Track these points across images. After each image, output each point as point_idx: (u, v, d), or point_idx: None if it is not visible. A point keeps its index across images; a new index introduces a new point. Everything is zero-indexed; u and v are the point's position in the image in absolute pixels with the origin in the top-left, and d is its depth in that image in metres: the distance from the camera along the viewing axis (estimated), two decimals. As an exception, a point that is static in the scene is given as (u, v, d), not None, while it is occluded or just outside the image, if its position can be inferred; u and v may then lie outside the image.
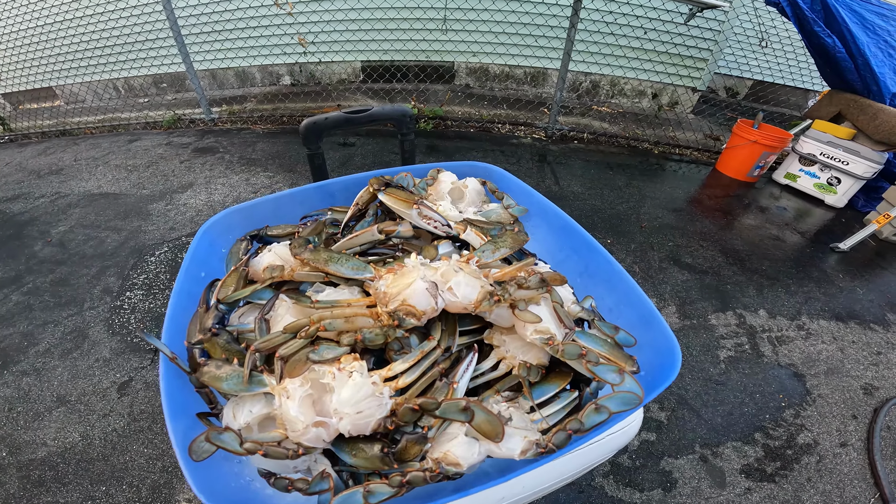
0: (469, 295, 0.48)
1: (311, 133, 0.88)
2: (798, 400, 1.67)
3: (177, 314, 0.58)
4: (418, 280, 0.46)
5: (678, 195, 3.11)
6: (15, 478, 1.35)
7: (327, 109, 4.14)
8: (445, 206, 0.67)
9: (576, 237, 0.70)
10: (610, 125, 4.14)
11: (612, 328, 0.58)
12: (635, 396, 0.46)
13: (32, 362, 1.72)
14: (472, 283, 0.49)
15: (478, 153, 3.49)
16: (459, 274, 0.50)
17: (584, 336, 0.54)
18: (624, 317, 0.60)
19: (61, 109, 4.66)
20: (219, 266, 0.68)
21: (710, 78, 4.47)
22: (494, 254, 0.59)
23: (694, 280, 2.26)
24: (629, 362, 0.52)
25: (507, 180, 0.82)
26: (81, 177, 3.18)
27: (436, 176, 0.77)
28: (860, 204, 3.11)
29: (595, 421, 0.47)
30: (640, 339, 0.57)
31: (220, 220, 0.70)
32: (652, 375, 0.54)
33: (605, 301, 0.64)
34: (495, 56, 4.49)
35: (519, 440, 0.46)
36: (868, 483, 1.42)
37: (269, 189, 2.90)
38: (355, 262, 0.53)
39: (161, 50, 4.49)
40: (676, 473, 1.41)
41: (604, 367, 0.48)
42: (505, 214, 0.73)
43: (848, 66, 2.75)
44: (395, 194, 0.64)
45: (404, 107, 0.90)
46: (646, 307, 0.58)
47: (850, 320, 2.09)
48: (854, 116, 2.88)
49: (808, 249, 2.62)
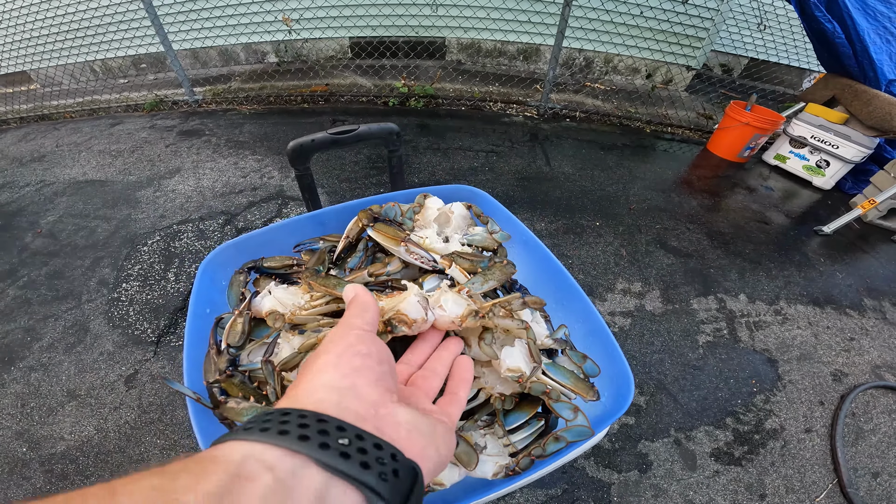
0: (455, 310, 0.53)
1: (297, 155, 0.89)
2: (769, 385, 1.77)
3: (192, 354, 0.62)
4: (412, 295, 0.50)
5: (668, 176, 3.13)
6: (39, 472, 1.42)
7: (315, 88, 4.05)
8: (432, 236, 0.70)
9: (551, 267, 0.74)
10: (603, 103, 4.10)
11: (581, 357, 0.64)
12: (588, 430, 0.56)
13: (38, 357, 1.76)
14: (460, 302, 0.54)
15: (469, 133, 3.46)
16: (449, 293, 0.56)
17: (553, 368, 0.59)
18: (593, 348, 0.66)
19: (38, 93, 4.50)
20: (220, 298, 0.71)
21: (706, 56, 4.40)
22: (483, 285, 0.64)
23: (679, 264, 2.32)
24: (591, 392, 0.58)
25: (491, 205, 0.85)
26: (65, 163, 3.13)
27: (422, 202, 0.79)
28: (847, 186, 3.15)
29: (554, 448, 0.55)
30: (605, 369, 0.63)
31: (216, 256, 0.73)
32: (610, 404, 0.60)
33: (577, 330, 0.69)
34: (487, 32, 4.36)
35: (491, 465, 0.54)
36: (828, 469, 1.52)
37: (258, 173, 2.88)
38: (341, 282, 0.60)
39: (139, 30, 4.30)
40: (652, 456, 1.52)
41: (562, 404, 0.56)
42: (489, 239, 0.77)
43: (846, 51, 2.74)
44: (383, 231, 0.67)
45: (390, 125, 0.91)
46: (609, 341, 0.64)
47: (827, 305, 2.17)
48: (848, 101, 2.88)
49: (793, 232, 2.68)
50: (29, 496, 1.32)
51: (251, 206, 2.58)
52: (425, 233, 0.72)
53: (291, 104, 3.93)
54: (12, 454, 1.46)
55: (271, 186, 2.75)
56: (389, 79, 4.19)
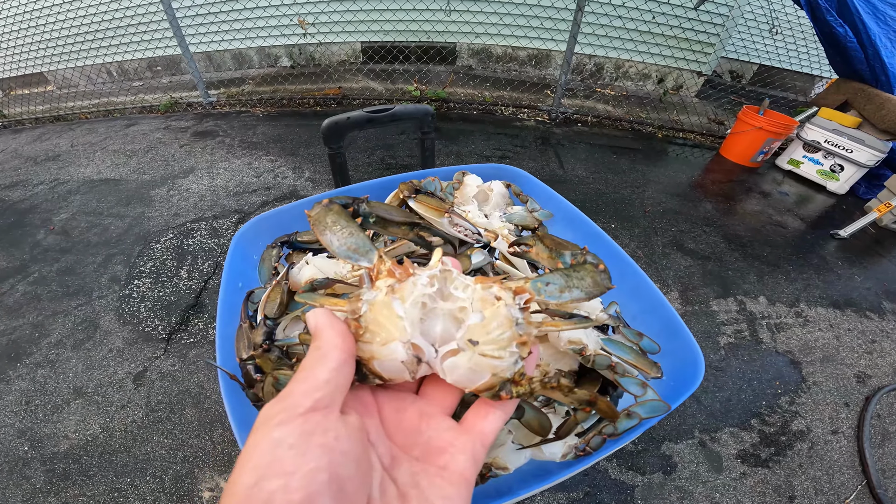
0: (470, 379, 0.31)
1: (332, 133, 0.88)
2: (794, 387, 1.73)
3: (224, 331, 0.60)
4: (397, 344, 0.30)
5: (682, 180, 3.12)
6: (40, 472, 1.37)
7: (328, 91, 4.08)
8: (474, 211, 0.68)
9: (602, 244, 0.71)
10: (614, 108, 4.10)
11: (637, 334, 0.61)
12: (663, 405, 0.50)
13: (46, 354, 1.74)
14: (480, 369, 0.30)
15: (481, 136, 3.47)
16: (463, 356, 0.31)
17: (611, 343, 0.56)
18: (648, 325, 0.63)
19: (54, 94, 4.55)
20: (252, 273, 0.69)
21: (717, 62, 4.42)
22: (563, 294, 0.37)
23: (696, 266, 2.29)
24: (654, 368, 0.55)
25: (532, 183, 0.83)
26: (80, 163, 3.15)
27: (461, 179, 0.78)
28: (861, 191, 3.13)
29: (627, 426, 0.50)
30: (665, 347, 0.60)
31: (249, 229, 0.71)
32: (675, 382, 0.57)
33: (629, 308, 0.67)
34: (499, 37, 4.40)
35: (560, 445, 0.50)
36: (856, 470, 1.48)
37: (272, 173, 2.88)
38: (360, 239, 0.37)
39: (156, 33, 4.37)
40: (676, 458, 1.47)
41: (628, 379, 0.51)
42: (530, 217, 0.75)
43: (858, 55, 2.75)
44: (425, 202, 0.64)
45: (426, 107, 0.89)
46: (670, 316, 0.60)
47: (847, 308, 2.13)
48: (861, 105, 2.88)
49: (809, 236, 2.65)
50: (27, 496, 1.28)
51: (265, 204, 2.58)
52: (467, 208, 0.70)
53: (304, 107, 3.95)
54: (13, 453, 1.42)
55: (285, 186, 2.74)
56: (401, 83, 4.22)
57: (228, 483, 0.23)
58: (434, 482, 0.29)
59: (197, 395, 1.58)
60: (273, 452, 0.23)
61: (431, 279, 0.32)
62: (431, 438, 0.31)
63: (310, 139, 3.33)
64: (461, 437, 0.31)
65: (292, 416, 0.24)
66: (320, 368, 0.27)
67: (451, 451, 0.30)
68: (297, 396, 0.26)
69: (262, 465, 0.22)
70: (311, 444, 0.23)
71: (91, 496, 1.32)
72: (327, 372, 0.27)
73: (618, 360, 0.53)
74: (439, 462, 0.30)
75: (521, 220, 0.74)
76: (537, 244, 0.53)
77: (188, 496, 1.31)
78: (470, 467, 0.30)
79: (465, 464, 0.30)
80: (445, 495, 0.28)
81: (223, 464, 1.40)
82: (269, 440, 0.23)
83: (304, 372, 0.28)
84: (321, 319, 0.30)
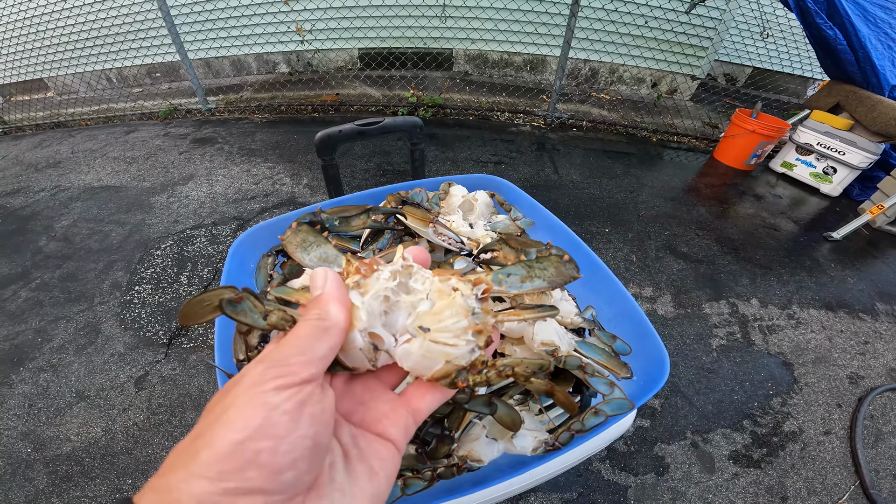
0: (424, 366, 0.32)
1: (324, 145, 0.91)
2: (785, 388, 1.75)
3: (223, 334, 0.63)
4: (355, 333, 0.31)
5: (676, 183, 3.15)
6: (43, 473, 1.40)
7: (326, 98, 4.12)
8: (458, 220, 0.71)
9: (579, 252, 0.75)
10: (609, 112, 4.14)
11: (611, 337, 0.64)
12: (628, 403, 0.54)
13: (48, 358, 1.77)
14: (433, 355, 0.32)
15: (477, 141, 3.50)
16: (415, 342, 0.32)
17: (584, 345, 0.59)
18: (621, 328, 0.66)
19: (54, 101, 4.60)
20: (248, 281, 0.72)
21: (710, 65, 4.46)
22: (524, 284, 0.38)
23: (689, 269, 2.32)
24: (624, 369, 0.58)
25: (515, 193, 0.86)
26: (80, 169, 3.18)
27: (447, 190, 0.81)
28: (855, 193, 3.15)
29: (594, 423, 0.54)
30: (636, 349, 0.63)
31: (246, 238, 0.74)
32: (644, 380, 0.60)
33: (604, 313, 0.70)
34: (494, 43, 4.45)
35: (530, 440, 0.53)
36: (849, 471, 1.50)
37: (270, 180, 2.92)
38: (327, 249, 0.39)
39: (154, 40, 4.42)
40: (669, 459, 1.49)
41: (598, 379, 0.55)
42: (513, 226, 0.78)
43: (848, 58, 2.78)
44: (411, 213, 0.68)
45: (414, 118, 0.93)
46: (641, 321, 0.64)
47: (840, 309, 2.16)
48: (852, 108, 2.91)
49: (802, 238, 2.68)
50: (31, 497, 1.31)
51: (263, 211, 2.61)
52: (451, 217, 0.73)
53: (302, 113, 4.00)
54: (16, 455, 1.45)
55: (283, 193, 2.78)
56: (398, 89, 4.26)
57: (203, 435, 0.24)
58: (371, 445, 0.31)
59: (197, 398, 1.61)
60: (268, 416, 0.24)
61: (393, 274, 0.34)
62: (370, 409, 0.34)
63: (308, 146, 3.37)
64: (397, 410, 0.34)
65: (289, 384, 0.25)
66: (322, 344, 0.28)
67: (385, 422, 0.33)
68: (294, 366, 0.26)
69: (251, 426, 0.23)
70: (304, 412, 0.25)
71: (93, 497, 1.34)
72: (326, 349, 0.28)
73: (588, 360, 0.56)
74: (375, 429, 0.33)
75: (505, 229, 0.77)
76: (503, 247, 0.55)
77: (188, 499, 1.34)
78: (401, 437, 0.33)
79: (397, 434, 0.33)
80: (380, 456, 0.31)
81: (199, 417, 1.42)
82: (264, 403, 0.24)
83: (303, 341, 0.28)
84: (330, 288, 0.31)
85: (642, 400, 0.55)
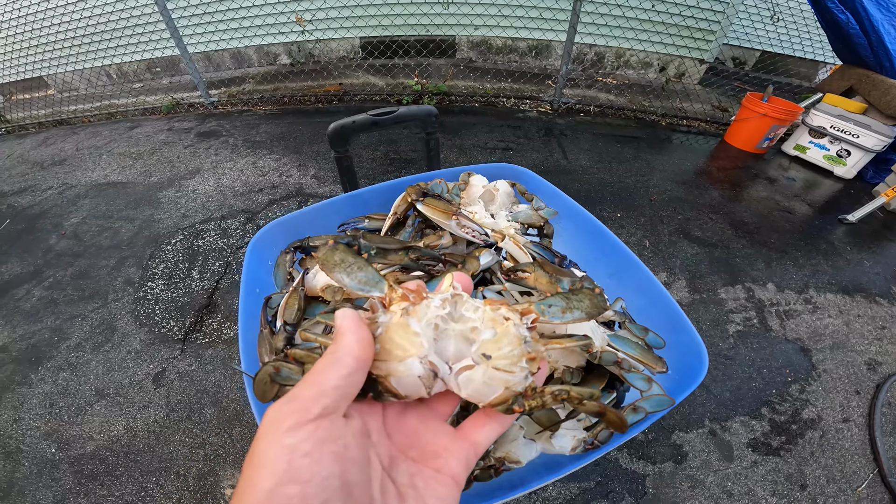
0: (483, 393, 0.32)
1: (337, 137, 0.89)
2: (804, 375, 1.73)
3: (247, 337, 0.62)
4: (414, 360, 0.31)
5: (687, 167, 3.10)
6: (69, 473, 1.40)
7: (329, 88, 4.07)
8: (480, 212, 0.69)
9: (605, 240, 0.72)
10: (616, 97, 4.07)
11: (642, 329, 0.62)
12: (668, 399, 0.52)
13: (66, 357, 1.78)
14: (494, 382, 0.32)
15: (483, 128, 3.46)
16: (478, 370, 0.32)
17: (617, 339, 0.58)
18: (653, 319, 0.64)
19: (55, 98, 4.58)
20: (267, 279, 0.71)
21: (719, 49, 4.35)
22: (564, 315, 0.41)
23: (703, 253, 2.29)
24: (659, 363, 0.56)
25: (536, 182, 0.84)
26: (86, 166, 3.17)
27: (467, 180, 0.79)
28: (869, 175, 3.10)
29: (633, 420, 0.53)
30: (669, 341, 0.61)
31: (264, 235, 0.73)
32: (681, 375, 0.58)
33: (634, 303, 0.68)
34: (498, 29, 4.36)
35: (569, 439, 0.52)
36: (868, 458, 1.48)
37: (277, 172, 2.90)
38: (369, 272, 0.38)
39: (153, 35, 4.37)
40: (687, 447, 1.49)
41: (634, 374, 0.53)
42: (535, 216, 0.76)
43: (861, 42, 2.75)
44: (433, 205, 0.66)
45: (428, 107, 0.90)
46: (674, 311, 0.61)
47: (857, 293, 2.12)
48: (866, 91, 2.87)
49: (817, 221, 2.64)
50: (58, 497, 1.32)
51: (272, 203, 2.60)
52: (473, 208, 0.71)
53: (306, 104, 3.96)
54: (41, 455, 1.45)
55: (290, 184, 2.76)
56: (402, 77, 4.20)
57: (242, 483, 0.25)
58: (429, 483, 0.30)
59: (215, 393, 1.62)
60: (289, 460, 0.24)
61: (444, 302, 0.35)
62: (428, 442, 0.33)
63: (313, 136, 3.34)
64: (456, 443, 0.33)
65: (302, 422, 0.25)
66: (331, 374, 0.28)
67: (446, 455, 0.32)
68: (305, 401, 0.26)
69: (278, 471, 0.24)
70: (325, 452, 0.25)
71: (119, 496, 1.35)
72: (337, 378, 0.28)
73: (624, 356, 0.54)
74: (434, 465, 0.32)
75: (527, 219, 0.75)
76: (536, 270, 0.56)
77: (211, 493, 1.35)
78: (462, 472, 0.32)
79: (458, 468, 0.32)
80: (439, 496, 0.30)
81: (243, 461, 1.43)
82: (283, 446, 0.24)
83: (315, 375, 0.28)
84: (346, 323, 0.31)
85: (682, 395, 0.54)
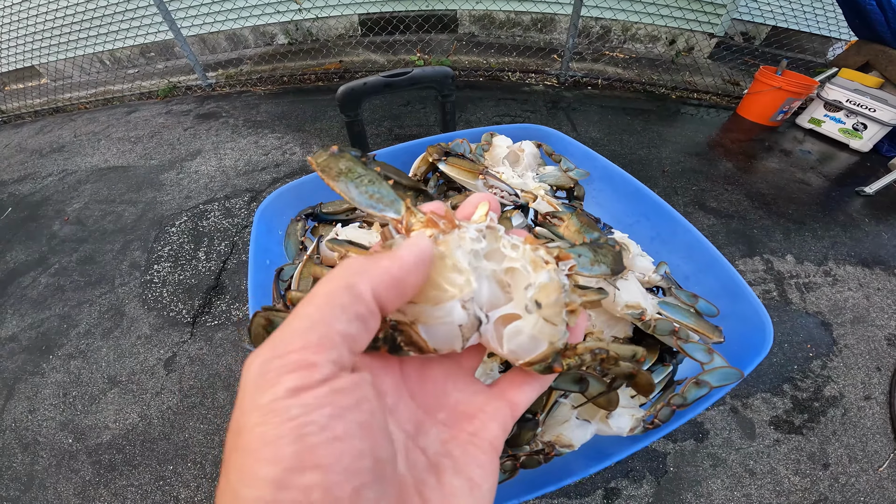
0: (527, 349, 0.27)
1: (348, 100, 0.83)
2: (825, 350, 1.69)
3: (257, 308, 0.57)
4: (455, 303, 0.25)
5: (699, 139, 3.02)
6: (87, 464, 1.38)
7: (329, 66, 3.96)
8: (507, 172, 0.64)
9: (646, 202, 0.67)
10: (624, 70, 3.94)
11: (691, 296, 0.57)
12: (736, 372, 0.47)
13: (76, 344, 1.75)
14: (542, 336, 0.26)
15: (489, 102, 3.37)
16: (528, 320, 0.26)
17: (668, 306, 0.53)
18: (703, 286, 0.59)
19: (49, 87, 4.48)
20: (277, 249, 0.66)
21: (729, 23, 4.20)
22: (593, 267, 0.39)
23: (720, 224, 2.24)
24: (715, 332, 0.51)
25: (565, 142, 0.78)
26: (85, 152, 3.11)
27: (490, 140, 0.73)
28: (885, 149, 3.04)
29: (696, 395, 0.48)
30: (724, 310, 0.56)
31: (271, 203, 0.68)
32: (740, 347, 0.53)
33: (681, 269, 0.63)
34: (501, 2, 4.21)
35: (627, 418, 0.47)
36: (889, 437, 1.45)
37: (279, 150, 2.83)
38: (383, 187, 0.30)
39: (144, 19, 4.23)
40: (708, 425, 1.46)
41: (693, 345, 0.48)
42: (564, 177, 0.70)
43: (878, 18, 2.69)
44: (457, 164, 0.61)
45: (445, 68, 0.84)
46: (730, 277, 0.56)
47: (876, 266, 2.07)
48: (883, 66, 2.84)
49: (834, 193, 2.57)
50: (79, 489, 1.30)
51: (275, 181, 2.54)
52: (500, 169, 0.65)
53: (306, 83, 3.85)
54: (59, 446, 1.42)
55: (294, 162, 2.70)
56: (403, 53, 4.08)
57: (231, 475, 0.17)
58: (468, 450, 0.25)
59: (226, 377, 1.59)
60: (298, 437, 0.16)
61: (479, 232, 0.27)
62: (459, 402, 0.28)
63: (315, 114, 3.26)
64: (492, 402, 0.28)
65: (309, 383, 0.17)
66: (338, 314, 0.19)
67: (482, 417, 0.27)
68: (306, 352, 0.18)
69: (285, 454, 0.16)
70: (349, 422, 0.18)
71: (139, 486, 1.32)
72: (346, 322, 0.19)
73: (678, 324, 0.49)
74: (469, 428, 0.26)
75: (556, 181, 0.70)
76: (571, 218, 0.50)
77: (228, 479, 1.33)
78: (501, 436, 0.27)
79: (496, 431, 0.26)
80: (481, 464, 0.25)
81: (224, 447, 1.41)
82: (285, 419, 0.17)
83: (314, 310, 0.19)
84: None
85: (748, 368, 0.49)
